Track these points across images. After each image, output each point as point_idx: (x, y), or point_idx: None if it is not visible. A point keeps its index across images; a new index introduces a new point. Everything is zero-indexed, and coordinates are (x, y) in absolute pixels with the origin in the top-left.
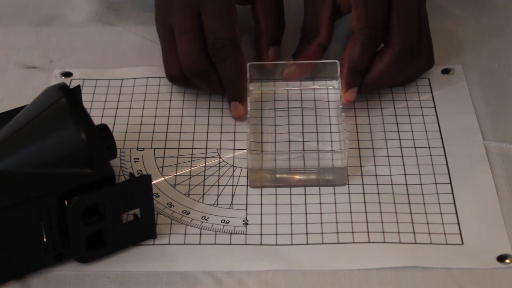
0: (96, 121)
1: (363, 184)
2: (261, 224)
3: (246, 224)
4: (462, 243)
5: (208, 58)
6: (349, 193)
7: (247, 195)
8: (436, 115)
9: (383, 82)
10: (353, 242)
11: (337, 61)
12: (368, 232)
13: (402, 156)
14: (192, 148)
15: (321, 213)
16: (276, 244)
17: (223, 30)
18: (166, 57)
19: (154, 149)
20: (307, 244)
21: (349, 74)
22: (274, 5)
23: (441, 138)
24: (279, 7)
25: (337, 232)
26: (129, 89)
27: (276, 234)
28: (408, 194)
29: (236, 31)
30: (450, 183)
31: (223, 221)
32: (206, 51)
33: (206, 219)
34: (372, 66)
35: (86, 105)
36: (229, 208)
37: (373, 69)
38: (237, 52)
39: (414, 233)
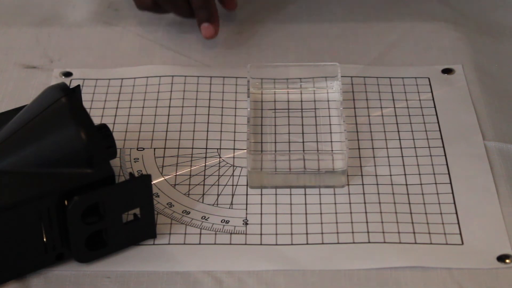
0: (96, 121)
1: (363, 184)
2: (261, 224)
3: (246, 224)
4: (462, 243)
5: None
6: (349, 194)
7: (247, 195)
8: (436, 115)
9: None
10: (353, 242)
11: (337, 63)
12: (368, 232)
13: (402, 156)
14: (192, 148)
15: (321, 213)
16: (276, 244)
17: None
18: None
19: (154, 149)
20: (307, 244)
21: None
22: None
23: (441, 138)
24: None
25: (337, 232)
26: (129, 89)
27: (276, 234)
28: (408, 194)
29: None
30: (450, 183)
31: (223, 221)
32: None
33: (206, 219)
34: None
35: (86, 105)
36: (229, 208)
37: None
38: None
39: (414, 233)
